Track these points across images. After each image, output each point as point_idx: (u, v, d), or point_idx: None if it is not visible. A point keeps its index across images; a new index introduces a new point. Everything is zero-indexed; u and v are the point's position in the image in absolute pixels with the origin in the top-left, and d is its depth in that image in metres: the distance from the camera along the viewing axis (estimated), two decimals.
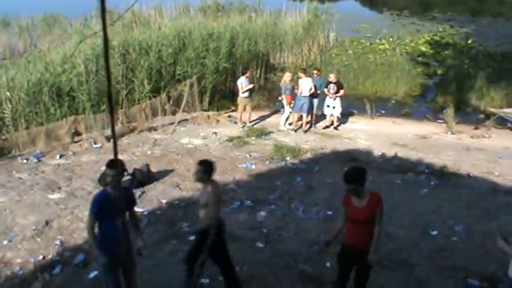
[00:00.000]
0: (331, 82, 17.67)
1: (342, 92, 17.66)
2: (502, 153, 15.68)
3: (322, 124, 18.28)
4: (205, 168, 7.08)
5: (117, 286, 6.46)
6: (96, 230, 6.31)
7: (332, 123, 18.13)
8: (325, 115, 18.24)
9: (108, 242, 6.24)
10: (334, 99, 17.61)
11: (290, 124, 17.77)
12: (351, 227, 6.55)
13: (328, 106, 17.80)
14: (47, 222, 9.86)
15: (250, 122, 17.84)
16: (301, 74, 17.53)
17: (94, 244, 6.34)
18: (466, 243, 9.56)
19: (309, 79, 17.26)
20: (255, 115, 18.83)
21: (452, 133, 18.00)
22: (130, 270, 6.60)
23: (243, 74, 17.53)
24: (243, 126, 17.41)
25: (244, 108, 17.49)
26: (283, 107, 17.94)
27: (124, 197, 6.43)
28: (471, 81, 23.22)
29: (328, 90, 17.61)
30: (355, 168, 6.71)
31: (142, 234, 6.82)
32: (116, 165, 6.20)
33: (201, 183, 7.13)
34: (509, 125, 19.07)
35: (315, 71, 17.99)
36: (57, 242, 9.13)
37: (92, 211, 6.27)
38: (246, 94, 17.32)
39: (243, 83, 17.21)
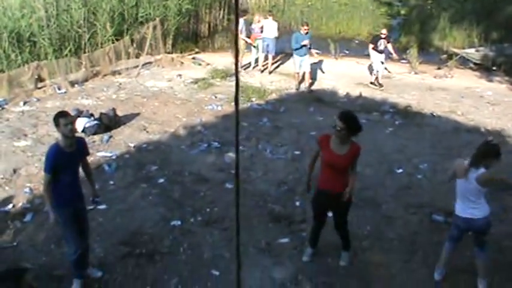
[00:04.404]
0: (381, 38, 16.23)
1: (390, 46, 16.65)
2: (463, 92, 15.92)
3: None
4: None
5: (77, 238, 6.36)
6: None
7: (377, 79, 16.50)
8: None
9: (69, 195, 6.13)
10: (394, 55, 16.96)
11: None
12: (326, 171, 6.57)
13: (382, 63, 16.41)
14: (14, 171, 9.72)
15: (242, 66, 17.61)
16: (266, 16, 17.49)
17: (50, 202, 6.08)
18: (430, 180, 9.80)
19: (269, 20, 17.30)
20: (219, 56, 18.87)
21: (416, 73, 18.16)
22: (84, 219, 6.48)
23: (241, 17, 17.05)
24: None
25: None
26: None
27: (77, 146, 6.24)
28: (434, 21, 23.34)
29: (376, 47, 16.15)
30: (352, 112, 6.67)
31: (94, 184, 6.75)
32: (66, 113, 6.07)
33: None
34: (470, 65, 19.36)
35: (305, 26, 15.56)
36: (27, 190, 9.03)
37: (47, 169, 6.03)
38: (244, 36, 17.06)
39: (241, 27, 16.87)
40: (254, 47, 17.48)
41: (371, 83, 16.54)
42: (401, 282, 6.88)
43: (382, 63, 16.40)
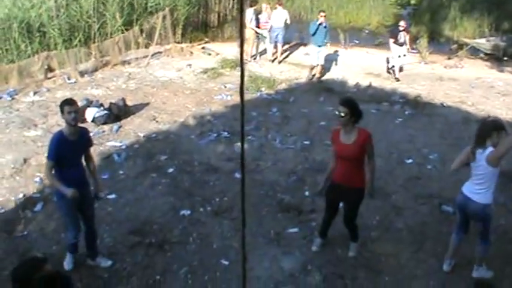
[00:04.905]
0: (400, 30, 15.71)
1: (408, 37, 16.18)
2: (474, 83, 15.84)
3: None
4: None
5: (78, 225, 6.44)
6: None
7: (394, 72, 16.20)
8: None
9: (73, 184, 6.07)
10: (407, 47, 16.27)
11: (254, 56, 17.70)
12: (340, 164, 6.56)
13: (399, 56, 15.89)
14: (25, 160, 9.77)
15: (252, 56, 17.49)
16: (276, 6, 17.40)
17: (57, 183, 6.07)
18: (440, 171, 9.76)
19: (279, 9, 17.23)
20: (228, 46, 18.88)
21: (426, 63, 18.09)
22: (89, 206, 6.55)
23: (250, 6, 16.98)
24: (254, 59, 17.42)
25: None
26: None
27: (81, 137, 6.32)
28: (445, 11, 23.21)
29: (396, 41, 15.73)
30: (353, 98, 6.80)
31: (97, 177, 6.74)
32: (72, 101, 6.11)
33: None
34: (481, 55, 19.24)
35: (322, 13, 15.27)
36: (37, 180, 9.08)
37: (50, 155, 6.07)
38: (253, 26, 16.90)
39: (250, 16, 16.66)
40: (259, 35, 17.38)
41: (387, 70, 16.54)
42: (410, 272, 6.87)
43: (405, 55, 16.04)
